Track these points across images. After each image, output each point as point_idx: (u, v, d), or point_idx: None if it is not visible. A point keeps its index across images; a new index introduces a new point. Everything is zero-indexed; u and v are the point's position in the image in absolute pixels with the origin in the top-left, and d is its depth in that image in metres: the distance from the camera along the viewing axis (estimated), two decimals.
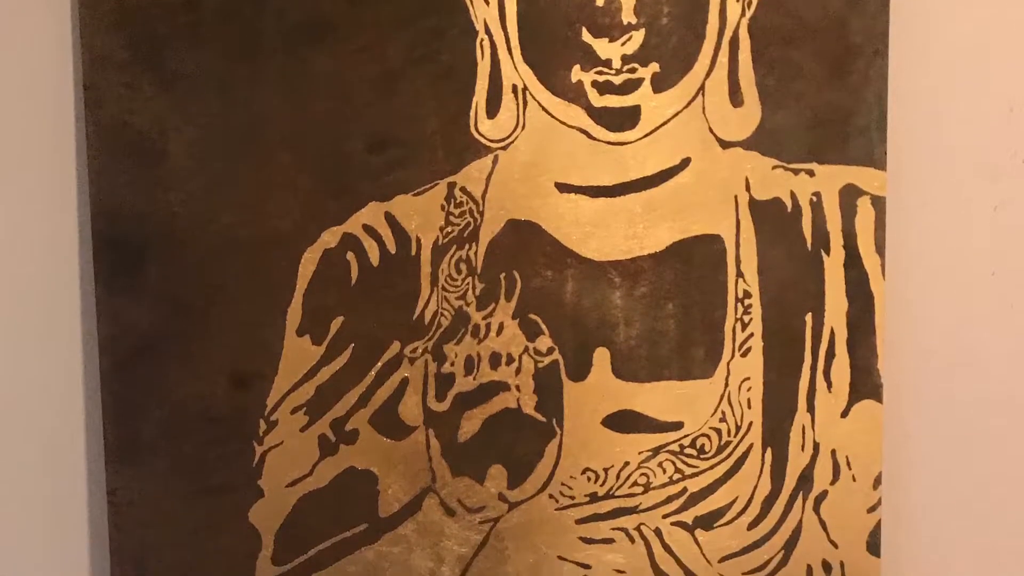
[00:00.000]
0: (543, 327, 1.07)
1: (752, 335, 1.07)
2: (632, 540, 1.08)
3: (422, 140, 1.06)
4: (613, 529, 1.08)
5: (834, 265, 1.07)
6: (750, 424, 1.07)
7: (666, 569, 1.08)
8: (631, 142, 1.06)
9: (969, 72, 1.07)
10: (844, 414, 1.07)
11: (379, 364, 1.07)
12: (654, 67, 1.05)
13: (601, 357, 1.07)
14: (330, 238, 1.07)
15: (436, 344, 1.07)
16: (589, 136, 1.06)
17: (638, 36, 1.04)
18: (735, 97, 1.06)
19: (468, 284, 1.07)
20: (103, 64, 1.05)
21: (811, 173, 1.07)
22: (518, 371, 1.07)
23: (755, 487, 1.08)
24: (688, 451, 1.07)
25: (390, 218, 1.06)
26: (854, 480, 1.07)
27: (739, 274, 1.07)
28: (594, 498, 1.08)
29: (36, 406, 1.09)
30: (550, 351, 1.07)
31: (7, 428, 1.09)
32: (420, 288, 1.07)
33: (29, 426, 1.09)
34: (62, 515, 1.10)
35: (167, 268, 1.07)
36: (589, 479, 1.08)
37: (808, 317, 1.07)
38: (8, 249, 1.08)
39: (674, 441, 1.07)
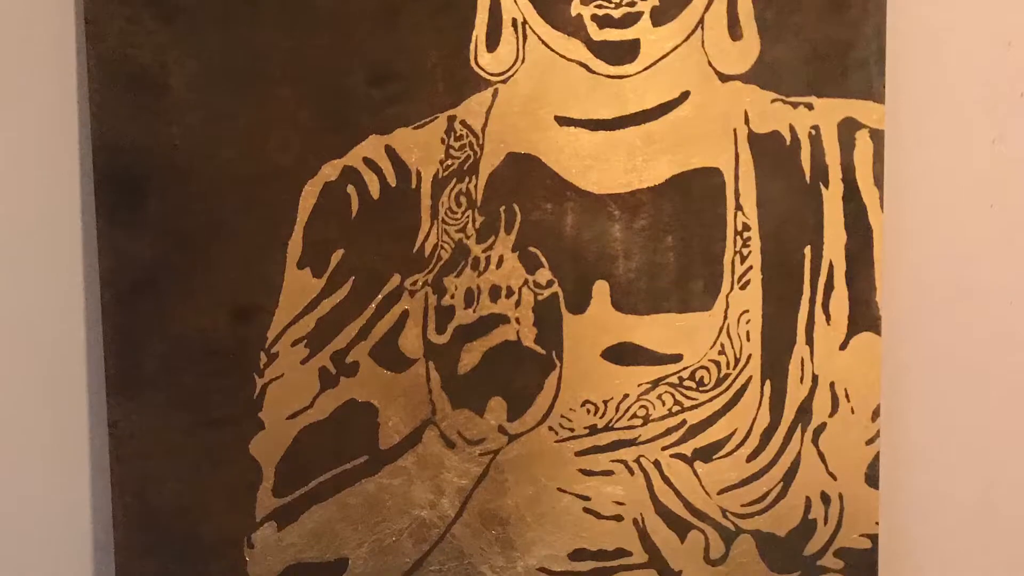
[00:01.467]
0: (543, 260, 1.09)
1: (751, 268, 1.09)
2: (631, 472, 1.10)
3: (422, 73, 1.08)
4: (612, 461, 1.11)
5: (833, 198, 1.09)
6: (749, 356, 1.10)
7: (665, 501, 1.11)
8: (630, 75, 1.09)
9: (967, 5, 1.10)
10: (843, 346, 1.09)
11: (379, 297, 1.10)
12: (653, 0, 1.07)
13: (600, 290, 1.09)
14: (330, 171, 1.09)
15: (436, 277, 1.09)
16: (589, 69, 1.08)
17: None
18: (734, 30, 1.08)
19: (468, 217, 1.09)
20: None
21: (810, 106, 1.09)
22: (518, 304, 1.09)
23: (754, 419, 1.10)
24: (687, 383, 1.10)
25: (390, 151, 1.09)
26: (852, 412, 1.10)
27: (738, 207, 1.09)
28: (593, 430, 1.10)
29: (38, 339, 1.12)
30: (550, 284, 1.09)
31: (9, 362, 1.11)
32: (420, 221, 1.09)
33: (31, 360, 1.12)
34: (64, 447, 1.13)
35: (168, 201, 1.10)
36: (588, 411, 1.10)
37: (807, 250, 1.09)
38: (10, 183, 1.10)
39: (673, 373, 1.10)
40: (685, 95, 1.10)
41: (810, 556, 1.11)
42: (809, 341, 1.10)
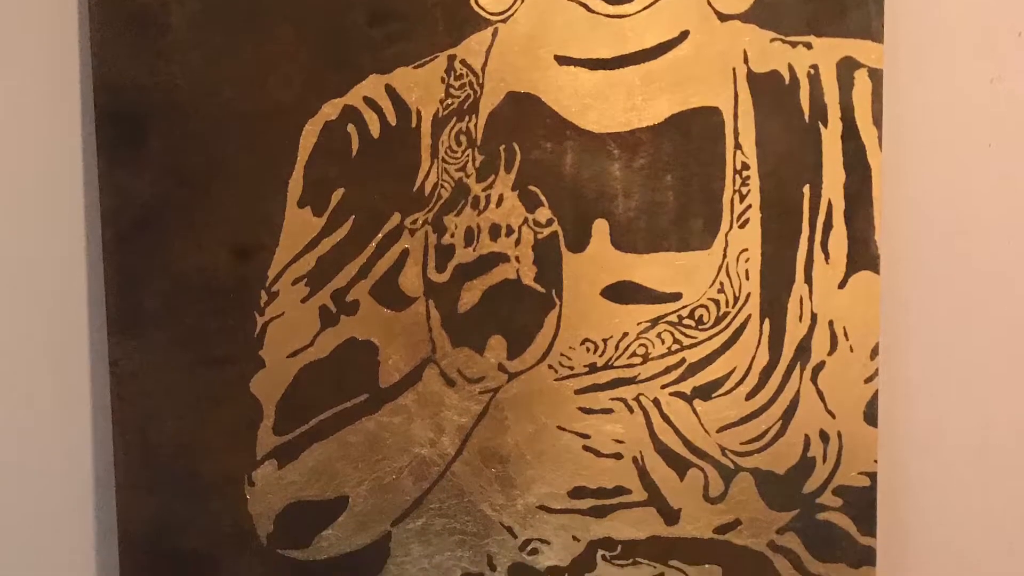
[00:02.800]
0: (542, 198, 1.11)
1: (750, 207, 1.11)
2: (631, 410, 1.13)
3: (422, 13, 1.11)
4: (612, 399, 1.13)
5: (832, 137, 1.11)
6: (748, 295, 1.12)
7: (665, 439, 1.13)
8: (630, 15, 1.11)
9: None
10: (842, 285, 1.12)
11: (379, 235, 1.12)
12: None
13: (600, 228, 1.12)
14: (331, 110, 1.11)
15: (436, 215, 1.12)
16: (588, 9, 1.11)
17: None
18: None
19: (468, 156, 1.11)
20: None
21: (808, 46, 1.11)
22: (518, 242, 1.11)
23: (753, 358, 1.12)
24: (686, 322, 1.12)
25: (390, 90, 1.11)
26: (851, 351, 1.12)
27: (737, 146, 1.11)
28: (593, 369, 1.12)
29: (39, 279, 1.14)
30: (549, 222, 1.11)
31: (10, 301, 1.13)
32: (420, 160, 1.12)
33: (32, 299, 1.14)
34: (65, 386, 1.15)
35: (169, 140, 1.12)
36: (588, 350, 1.12)
37: (806, 189, 1.12)
38: (11, 123, 1.13)
39: (672, 312, 1.12)
40: (684, 34, 1.12)
41: (809, 494, 1.14)
42: (808, 280, 1.12)
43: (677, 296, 1.14)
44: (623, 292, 1.13)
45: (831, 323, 1.13)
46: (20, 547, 1.16)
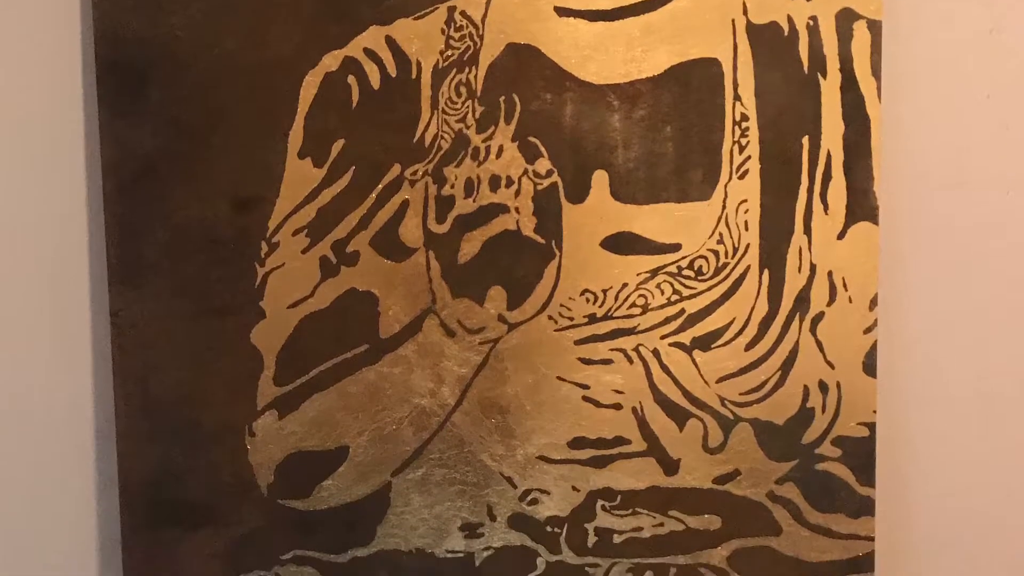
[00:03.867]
0: (542, 149, 1.13)
1: (749, 158, 1.13)
2: (630, 361, 1.14)
3: None
4: (612, 350, 1.15)
5: (831, 88, 1.13)
6: (747, 246, 1.14)
7: (664, 390, 1.14)
8: None
9: None
10: (841, 236, 1.14)
11: (380, 186, 1.14)
12: None
13: (600, 179, 1.13)
14: (331, 62, 1.13)
15: (436, 167, 1.13)
16: None
17: None
18: None
19: (468, 107, 1.13)
20: None
21: None
22: (517, 193, 1.13)
23: (752, 308, 1.14)
24: (686, 272, 1.14)
25: (391, 42, 1.13)
26: (850, 301, 1.14)
27: (736, 97, 1.13)
28: (593, 319, 1.14)
29: (40, 229, 1.17)
30: (549, 173, 1.13)
31: (12, 252, 1.15)
32: (420, 111, 1.13)
33: (33, 250, 1.16)
34: (66, 337, 1.17)
35: (170, 91, 1.14)
36: (588, 300, 1.14)
37: (805, 140, 1.13)
38: (11, 74, 1.14)
39: (672, 263, 1.14)
40: None
41: (808, 444, 1.16)
42: (807, 231, 1.14)
43: (676, 247, 1.15)
44: (622, 243, 1.15)
45: (830, 274, 1.15)
46: (22, 498, 1.18)
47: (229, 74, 1.15)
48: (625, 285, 1.16)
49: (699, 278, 1.16)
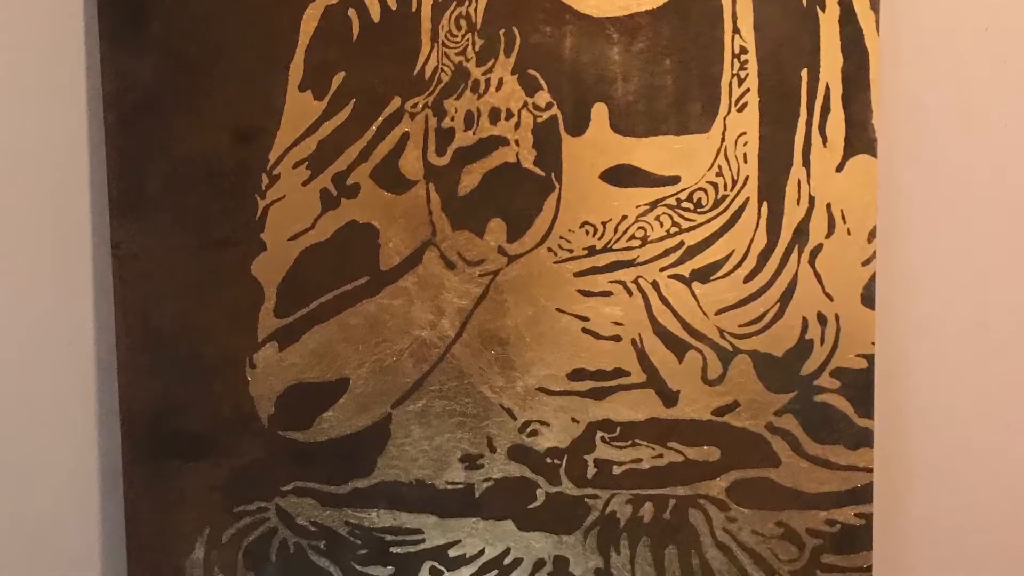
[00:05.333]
0: (542, 82, 1.15)
1: (748, 90, 1.15)
2: (630, 293, 1.16)
3: None
4: (611, 282, 1.17)
5: (829, 21, 1.15)
6: (746, 178, 1.16)
7: (663, 321, 1.16)
8: None
9: None
10: (839, 168, 1.16)
11: (380, 119, 1.16)
12: None
13: (599, 112, 1.16)
14: None
15: (436, 99, 1.16)
16: None
17: None
18: None
19: (468, 40, 1.15)
20: None
21: None
22: (517, 126, 1.15)
23: (751, 240, 1.16)
24: (685, 205, 1.16)
25: None
26: (849, 234, 1.16)
27: (735, 30, 1.15)
28: (592, 251, 1.16)
29: (42, 162, 1.19)
30: (549, 106, 1.15)
31: (12, 184, 1.17)
32: (420, 44, 1.16)
33: (35, 182, 1.18)
34: (67, 269, 1.19)
35: (171, 24, 1.17)
36: (587, 232, 1.16)
37: (804, 73, 1.16)
38: (13, 6, 1.16)
39: (671, 195, 1.16)
40: None
41: (807, 376, 1.18)
42: (806, 163, 1.16)
43: (676, 179, 1.18)
44: (622, 175, 1.17)
45: (829, 206, 1.17)
46: (22, 429, 1.20)
47: (230, 6, 1.17)
48: (624, 217, 1.18)
49: (698, 210, 1.18)
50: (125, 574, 1.20)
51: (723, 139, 1.18)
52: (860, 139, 1.17)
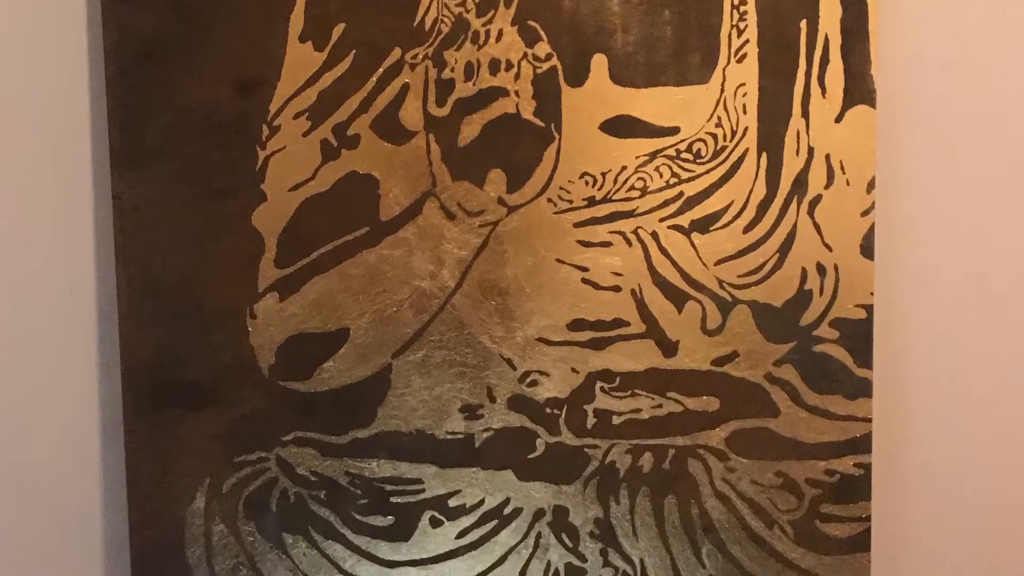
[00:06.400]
0: (542, 33, 1.17)
1: (748, 41, 1.17)
2: (629, 243, 1.18)
3: None
4: (611, 233, 1.18)
5: None
6: (745, 129, 1.17)
7: (663, 272, 1.18)
8: None
9: None
10: (838, 119, 1.17)
11: (380, 70, 1.18)
12: None
13: (599, 63, 1.17)
14: None
15: (436, 50, 1.17)
16: None
17: None
18: None
19: None
20: None
21: None
22: (517, 77, 1.17)
23: (750, 191, 1.18)
24: (684, 155, 1.17)
25: None
26: (848, 184, 1.18)
27: None
28: (592, 202, 1.18)
29: (43, 114, 1.21)
30: (548, 57, 1.17)
31: (14, 135, 1.19)
32: None
33: (36, 133, 1.20)
34: (69, 220, 1.21)
35: None
36: (587, 183, 1.18)
37: (803, 23, 1.18)
38: None
39: (671, 146, 1.18)
40: None
41: (806, 326, 1.19)
42: (805, 114, 1.18)
43: (675, 130, 1.19)
44: (621, 126, 1.19)
45: (828, 157, 1.19)
46: (23, 379, 1.22)
47: None
48: (624, 168, 1.20)
49: (697, 161, 1.20)
50: (126, 524, 1.22)
51: (722, 90, 1.19)
52: (859, 90, 1.19)
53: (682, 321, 1.21)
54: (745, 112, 1.20)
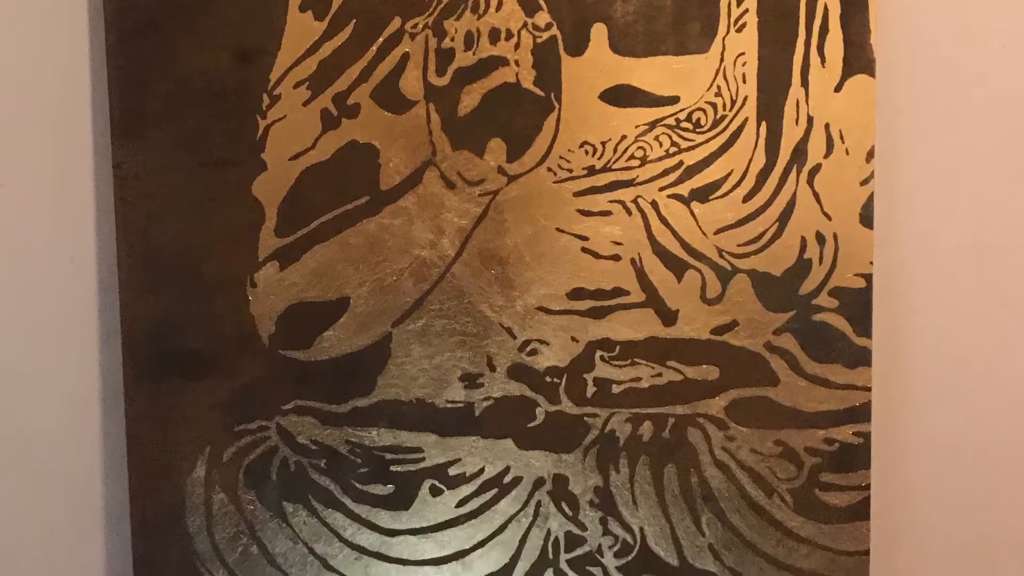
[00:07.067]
0: (541, 2, 1.19)
1: (747, 10, 1.18)
2: (629, 213, 1.19)
3: None
4: (610, 202, 1.19)
5: None
6: (745, 98, 1.18)
7: (663, 241, 1.19)
8: None
9: None
10: (838, 88, 1.18)
11: (380, 39, 1.19)
12: None
13: (599, 32, 1.18)
14: None
15: (436, 20, 1.19)
16: None
17: None
18: None
19: None
20: None
21: None
22: (517, 46, 1.18)
23: (750, 160, 1.19)
24: (684, 125, 1.18)
25: None
26: (847, 153, 1.19)
27: None
28: (592, 171, 1.19)
29: (43, 82, 1.22)
30: (548, 26, 1.18)
31: (15, 104, 1.20)
32: None
33: (36, 102, 1.21)
34: (69, 189, 1.22)
35: None
36: (587, 152, 1.19)
37: None
38: None
39: (670, 115, 1.19)
40: None
41: (805, 295, 1.20)
42: (804, 83, 1.19)
43: (675, 99, 1.20)
44: (621, 95, 1.20)
45: (827, 126, 1.20)
46: (24, 349, 1.23)
47: None
48: (624, 137, 1.21)
49: (697, 130, 1.21)
50: (126, 492, 1.23)
51: (722, 59, 1.20)
52: (858, 59, 1.20)
53: (682, 290, 1.22)
54: (745, 81, 1.20)
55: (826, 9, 1.20)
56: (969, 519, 1.25)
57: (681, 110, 1.21)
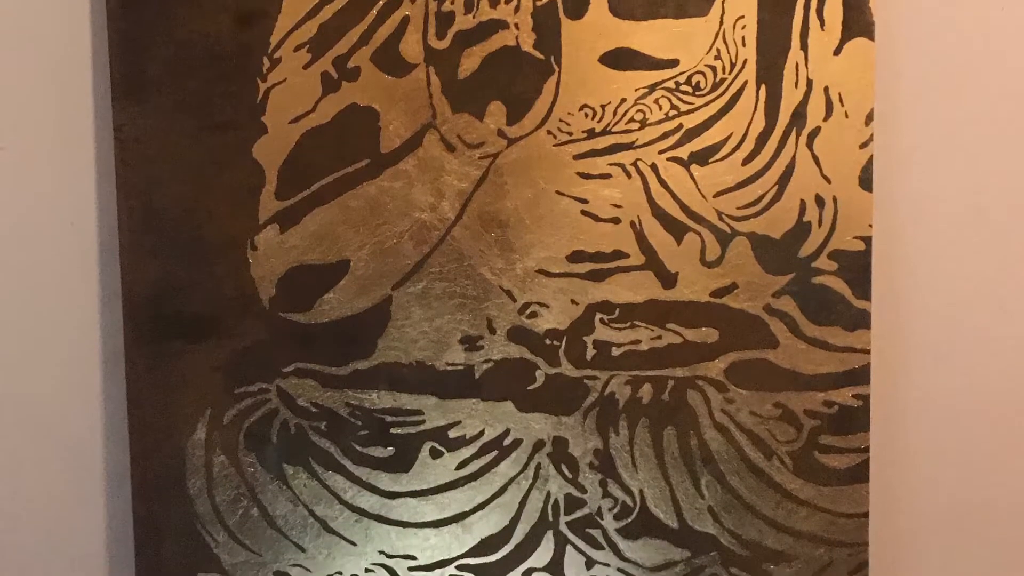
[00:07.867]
0: None
1: None
2: (629, 175, 1.20)
3: None
4: (610, 165, 1.20)
5: None
6: (744, 61, 1.19)
7: (662, 204, 1.20)
8: None
9: None
10: (837, 51, 1.19)
11: (380, 3, 1.22)
12: None
13: None
14: None
15: None
16: None
17: None
18: None
19: None
20: None
21: None
22: (517, 9, 1.19)
23: (749, 123, 1.20)
24: (684, 88, 1.19)
25: None
26: (847, 116, 1.20)
27: None
28: (591, 134, 1.20)
29: (43, 44, 1.24)
30: None
31: (13, 65, 1.21)
32: None
33: (36, 64, 1.23)
34: (70, 152, 1.24)
35: None
36: (586, 115, 1.20)
37: None
38: None
39: (670, 78, 1.20)
40: None
41: (804, 258, 1.21)
42: (804, 46, 1.20)
43: (674, 62, 1.21)
44: (621, 58, 1.21)
45: (826, 89, 1.21)
46: (25, 311, 1.24)
47: None
48: (623, 100, 1.22)
49: (697, 93, 1.22)
50: (127, 455, 1.24)
51: (721, 22, 1.21)
52: (857, 22, 1.21)
53: (681, 253, 1.23)
54: (744, 44, 1.22)
55: None
56: (968, 481, 1.27)
57: (681, 73, 1.22)
